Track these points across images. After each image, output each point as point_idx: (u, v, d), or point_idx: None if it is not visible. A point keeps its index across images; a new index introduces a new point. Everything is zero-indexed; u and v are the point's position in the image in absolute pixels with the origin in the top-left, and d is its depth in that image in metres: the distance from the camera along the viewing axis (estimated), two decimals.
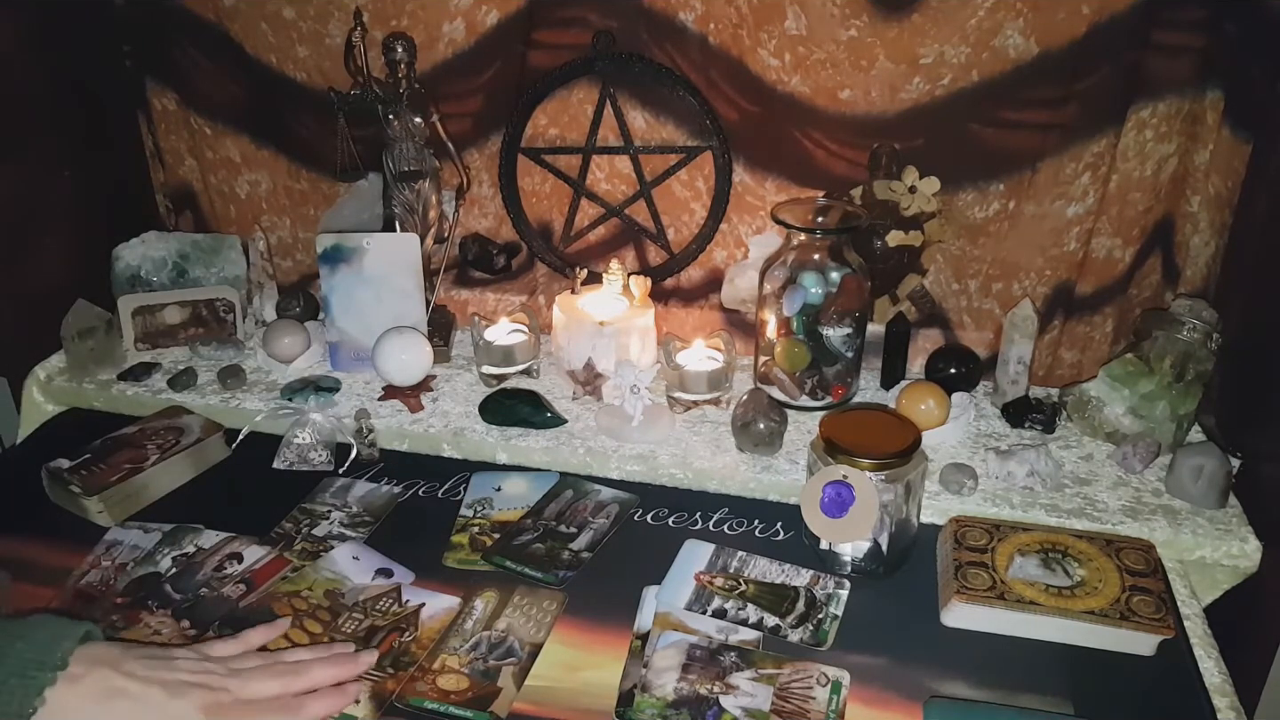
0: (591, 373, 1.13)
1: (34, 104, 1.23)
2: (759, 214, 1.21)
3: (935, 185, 1.11)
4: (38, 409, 1.20)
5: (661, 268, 1.27)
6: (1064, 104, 1.07)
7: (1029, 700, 0.76)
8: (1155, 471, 1.01)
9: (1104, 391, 1.05)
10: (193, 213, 1.40)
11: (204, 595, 0.87)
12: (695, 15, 1.12)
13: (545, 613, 0.85)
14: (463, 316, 1.32)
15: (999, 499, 0.97)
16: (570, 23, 1.17)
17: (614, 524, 0.96)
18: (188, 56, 1.28)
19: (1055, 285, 1.17)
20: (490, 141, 1.25)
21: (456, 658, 0.80)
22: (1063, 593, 0.82)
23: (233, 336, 1.26)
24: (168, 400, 1.15)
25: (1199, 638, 0.83)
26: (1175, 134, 1.07)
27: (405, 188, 1.18)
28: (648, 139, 1.22)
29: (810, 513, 0.87)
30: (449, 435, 1.09)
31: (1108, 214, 1.11)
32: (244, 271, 1.30)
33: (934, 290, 1.20)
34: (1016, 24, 1.04)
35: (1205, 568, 0.93)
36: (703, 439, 1.07)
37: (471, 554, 0.92)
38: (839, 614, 0.85)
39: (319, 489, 1.02)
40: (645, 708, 0.75)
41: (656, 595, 0.86)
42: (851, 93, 1.11)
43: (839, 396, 1.13)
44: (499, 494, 1.01)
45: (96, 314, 1.20)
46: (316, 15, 1.20)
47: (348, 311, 1.18)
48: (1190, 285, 1.13)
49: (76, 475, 0.98)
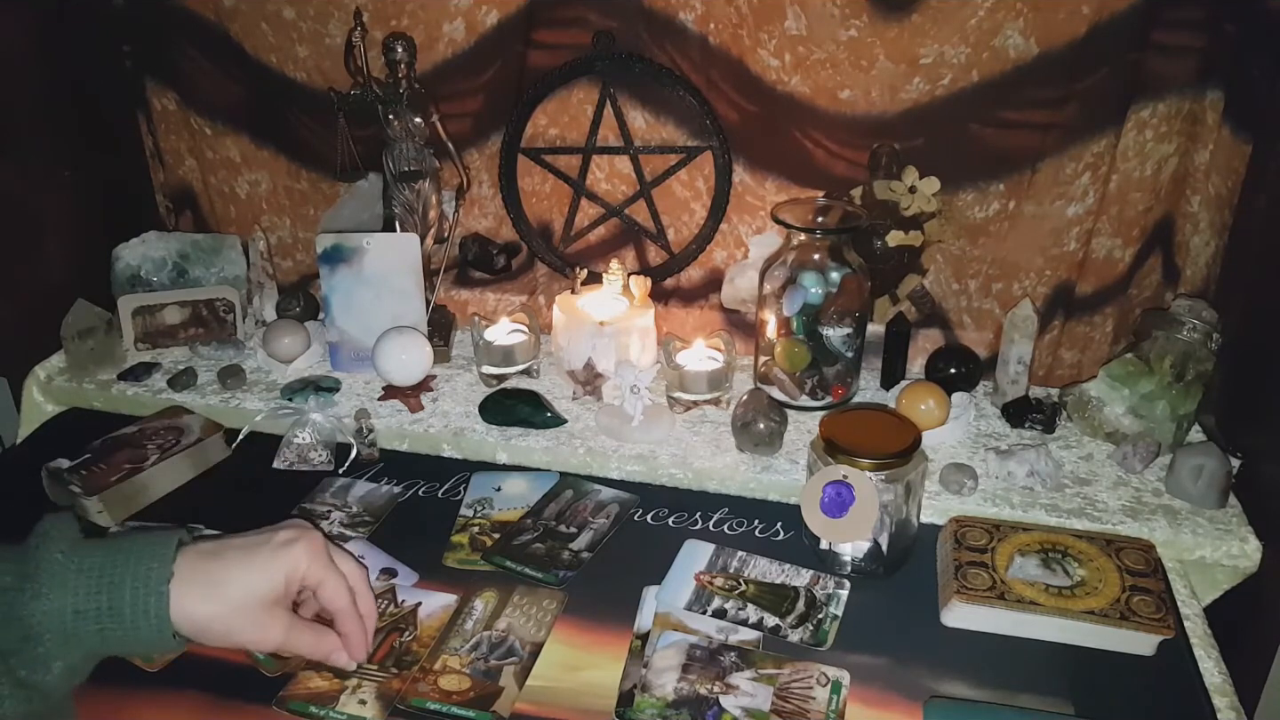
0: (591, 373, 1.13)
1: (34, 104, 1.23)
2: (759, 214, 1.21)
3: (935, 185, 1.11)
4: (38, 409, 1.19)
5: (661, 268, 1.27)
6: (1064, 104, 1.07)
7: (1029, 700, 0.76)
8: (1155, 471, 1.01)
9: (1104, 391, 1.05)
10: (193, 213, 1.39)
11: None
12: (695, 15, 1.12)
13: (545, 612, 0.85)
14: (463, 316, 1.32)
15: (999, 499, 0.97)
16: (570, 23, 1.17)
17: (614, 524, 0.97)
18: (188, 56, 1.28)
19: (1055, 285, 1.17)
20: (490, 141, 1.25)
21: (457, 658, 0.80)
22: (1063, 593, 0.82)
23: (233, 336, 1.26)
24: (168, 400, 1.15)
25: (1199, 638, 0.83)
26: (1175, 134, 1.07)
27: (405, 188, 1.18)
28: (648, 139, 1.22)
29: (810, 513, 0.87)
30: (449, 435, 1.09)
31: (1108, 214, 1.11)
32: (244, 271, 1.30)
33: (934, 290, 1.20)
34: (1016, 24, 1.04)
35: (1205, 568, 0.93)
36: (703, 439, 1.07)
37: (471, 554, 0.92)
38: (839, 614, 0.85)
39: (319, 489, 1.02)
40: (645, 708, 0.75)
41: (656, 595, 0.86)
42: (851, 93, 1.11)
43: (839, 396, 1.13)
44: (499, 494, 1.01)
45: (96, 314, 1.20)
46: (316, 15, 1.20)
47: (348, 311, 1.18)
48: (1190, 285, 1.13)
49: (76, 475, 0.98)
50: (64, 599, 0.61)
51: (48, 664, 0.61)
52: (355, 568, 0.75)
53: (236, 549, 0.68)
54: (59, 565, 0.62)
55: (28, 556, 0.62)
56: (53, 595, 0.61)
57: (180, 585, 0.64)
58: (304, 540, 0.70)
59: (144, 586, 0.62)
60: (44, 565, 0.61)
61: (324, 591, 0.71)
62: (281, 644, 0.69)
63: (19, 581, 0.61)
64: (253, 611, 0.67)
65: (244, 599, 0.66)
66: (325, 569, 0.71)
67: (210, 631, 0.66)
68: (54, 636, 0.61)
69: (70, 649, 0.62)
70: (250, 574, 0.67)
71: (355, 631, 0.73)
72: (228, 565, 0.67)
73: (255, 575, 0.67)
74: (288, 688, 0.77)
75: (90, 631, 0.61)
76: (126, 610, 0.62)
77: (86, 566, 0.62)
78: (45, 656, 0.60)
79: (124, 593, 0.62)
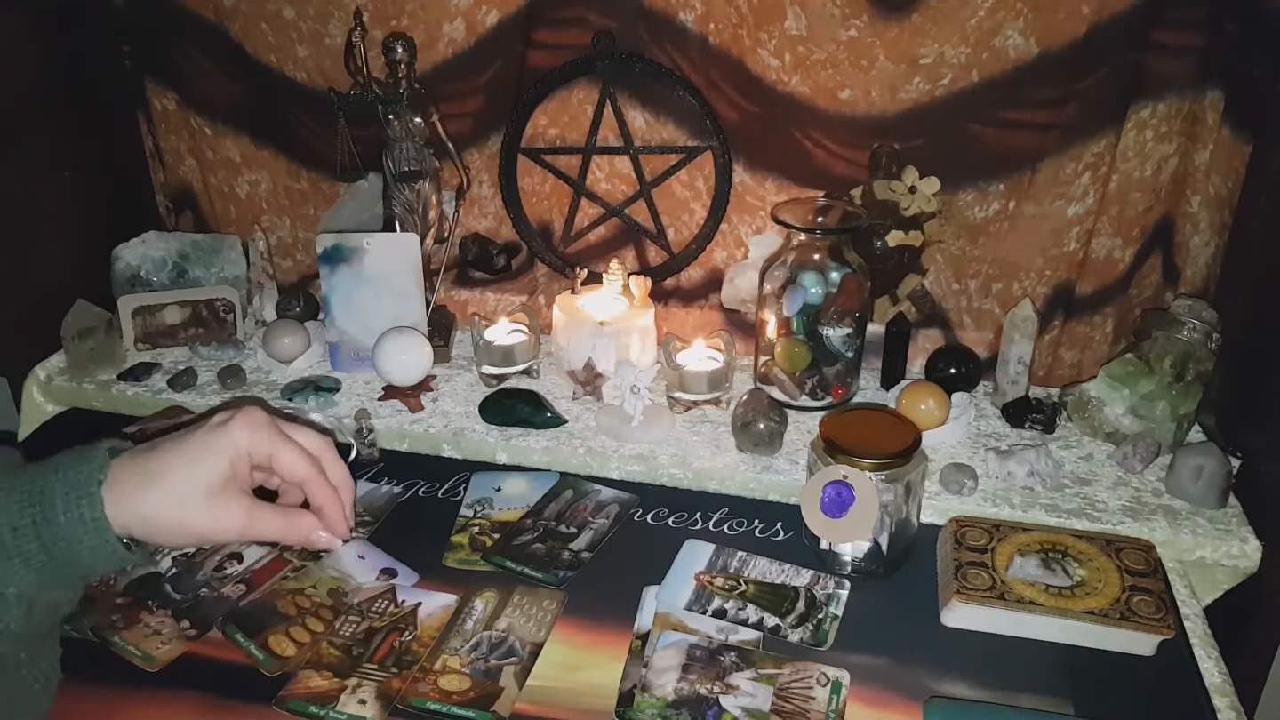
0: (591, 373, 1.13)
1: (34, 104, 1.23)
2: (759, 214, 1.21)
3: (935, 185, 1.11)
4: (38, 409, 1.19)
5: (661, 268, 1.27)
6: (1064, 104, 1.07)
7: (1029, 700, 0.77)
8: (1155, 471, 1.01)
9: (1104, 391, 1.05)
10: (193, 213, 1.39)
11: (204, 595, 0.87)
12: (695, 15, 1.12)
13: (545, 612, 0.85)
14: (463, 316, 1.32)
15: (999, 499, 0.97)
16: (570, 23, 1.17)
17: (614, 524, 0.97)
18: (188, 56, 1.28)
19: (1055, 285, 1.17)
20: (490, 141, 1.25)
21: (457, 658, 0.80)
22: (1063, 593, 0.82)
23: (233, 336, 1.26)
24: (168, 400, 1.15)
25: (1199, 638, 0.83)
26: (1175, 134, 1.07)
27: (405, 188, 1.18)
28: (648, 139, 1.22)
29: (810, 513, 0.87)
30: (449, 435, 1.09)
31: (1108, 214, 1.11)
32: (244, 271, 1.30)
33: (934, 290, 1.20)
34: (1016, 24, 1.04)
35: (1205, 568, 0.93)
36: (703, 439, 1.07)
37: (471, 554, 0.92)
38: (839, 614, 0.85)
39: None
40: (645, 708, 0.75)
41: (656, 595, 0.86)
42: (851, 93, 1.11)
43: (839, 396, 1.13)
44: (499, 494, 1.01)
45: (96, 314, 1.20)
46: (316, 15, 1.20)
47: (348, 311, 1.18)
48: (1190, 285, 1.13)
49: None
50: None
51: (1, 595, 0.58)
52: (312, 435, 0.67)
53: (171, 439, 0.63)
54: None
55: None
56: None
57: (115, 486, 0.60)
58: (240, 414, 0.64)
59: (75, 491, 0.59)
60: None
61: (280, 463, 0.65)
62: (244, 530, 0.63)
63: None
64: (201, 500, 0.61)
65: (188, 488, 0.61)
66: (272, 438, 0.64)
67: (160, 527, 0.61)
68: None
69: (18, 575, 0.58)
70: (187, 459, 0.62)
71: (329, 501, 0.66)
72: (163, 455, 0.62)
73: (193, 459, 0.62)
74: (288, 688, 0.77)
75: (31, 550, 0.58)
76: (60, 518, 0.58)
77: (18, 484, 0.59)
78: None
79: (55, 500, 0.59)
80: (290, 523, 0.65)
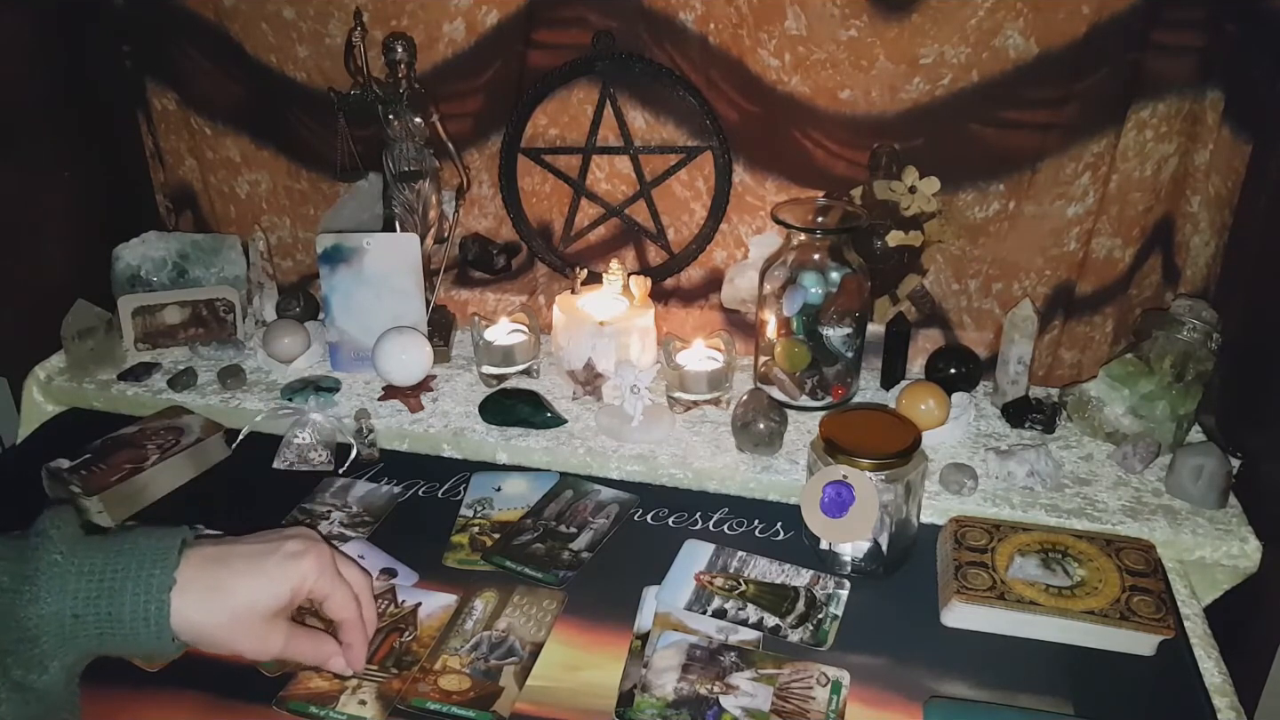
0: (591, 373, 1.13)
1: (34, 104, 1.23)
2: (759, 214, 1.21)
3: (935, 185, 1.11)
4: (38, 409, 1.19)
5: (661, 268, 1.27)
6: (1064, 104, 1.07)
7: (1029, 700, 0.76)
8: (1155, 471, 1.01)
9: (1104, 391, 1.05)
10: (193, 213, 1.39)
11: None
12: (695, 15, 1.12)
13: (545, 612, 0.85)
14: (463, 316, 1.32)
15: (999, 499, 0.97)
16: (570, 23, 1.17)
17: (614, 524, 0.97)
18: (188, 56, 1.28)
19: (1055, 285, 1.17)
20: (490, 141, 1.25)
21: (457, 658, 0.80)
22: (1063, 593, 0.82)
23: (233, 336, 1.26)
24: (168, 400, 1.15)
25: (1199, 638, 0.83)
26: (1175, 134, 1.07)
27: (405, 188, 1.18)
28: (648, 139, 1.22)
29: (810, 513, 0.87)
30: (449, 435, 1.09)
31: (1108, 214, 1.11)
32: (244, 271, 1.30)
33: (934, 290, 1.20)
34: (1016, 24, 1.04)
35: (1205, 568, 0.93)
36: (703, 439, 1.07)
37: (471, 554, 0.92)
38: (839, 614, 0.85)
39: (319, 489, 1.02)
40: (645, 708, 0.75)
41: (656, 595, 0.86)
42: (851, 93, 1.11)
43: (839, 396, 1.13)
44: (499, 494, 1.01)
45: (96, 314, 1.20)
46: (316, 15, 1.20)
47: (348, 311, 1.18)
48: (1190, 285, 1.13)
49: (76, 475, 0.98)
50: (63, 603, 0.60)
51: (44, 665, 0.60)
52: (360, 576, 0.75)
53: (242, 557, 0.67)
54: (59, 568, 0.61)
55: (27, 557, 0.61)
56: (51, 599, 0.60)
57: (182, 593, 0.63)
58: (313, 553, 0.69)
59: (145, 593, 0.61)
60: (43, 568, 0.60)
61: (331, 604, 0.71)
62: (281, 652, 0.69)
63: (17, 583, 0.60)
64: (255, 622, 0.66)
65: (247, 610, 0.65)
66: (333, 582, 0.70)
67: (210, 639, 0.65)
68: (51, 639, 0.60)
69: (67, 650, 0.61)
70: (255, 584, 0.66)
71: (359, 642, 0.73)
72: (233, 573, 0.66)
73: (260, 586, 0.66)
74: (288, 688, 0.77)
75: (89, 635, 0.61)
76: (126, 616, 0.61)
77: (87, 569, 0.61)
78: (42, 657, 0.60)
79: (124, 599, 0.61)
80: (317, 648, 0.72)
